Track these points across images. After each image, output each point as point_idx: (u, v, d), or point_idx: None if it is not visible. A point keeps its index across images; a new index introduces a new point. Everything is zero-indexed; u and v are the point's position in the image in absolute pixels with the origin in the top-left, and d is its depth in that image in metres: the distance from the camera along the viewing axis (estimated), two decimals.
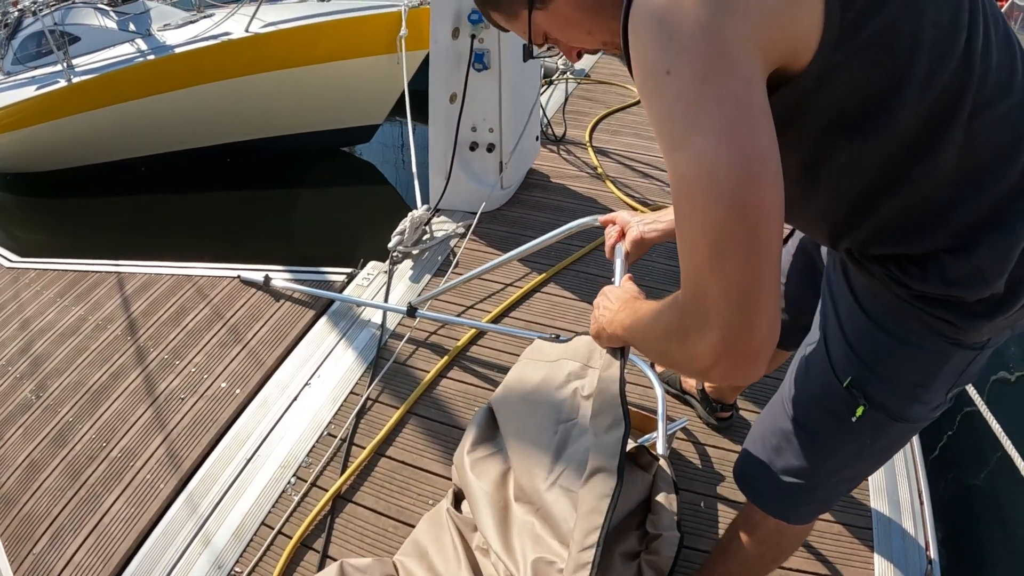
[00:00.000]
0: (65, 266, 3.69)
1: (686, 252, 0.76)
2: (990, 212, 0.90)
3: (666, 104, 0.73)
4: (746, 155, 0.70)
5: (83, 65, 6.40)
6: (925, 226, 0.92)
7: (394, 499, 2.17)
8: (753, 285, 0.72)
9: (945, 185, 0.88)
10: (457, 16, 3.18)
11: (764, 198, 0.70)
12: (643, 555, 1.82)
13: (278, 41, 6.05)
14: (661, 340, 0.90)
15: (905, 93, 0.80)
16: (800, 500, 1.34)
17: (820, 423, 1.24)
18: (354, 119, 6.80)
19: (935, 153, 0.85)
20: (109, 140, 6.62)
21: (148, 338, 2.96)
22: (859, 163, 0.87)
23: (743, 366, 0.76)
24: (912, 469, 2.31)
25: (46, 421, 2.63)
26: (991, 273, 0.92)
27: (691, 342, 0.78)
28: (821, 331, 1.25)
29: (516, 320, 2.89)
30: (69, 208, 7.15)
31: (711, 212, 0.71)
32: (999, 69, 0.86)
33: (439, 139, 3.47)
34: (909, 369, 1.10)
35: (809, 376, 1.26)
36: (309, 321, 2.92)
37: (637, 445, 2.00)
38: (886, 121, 0.82)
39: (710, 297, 0.74)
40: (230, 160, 7.11)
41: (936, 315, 1.01)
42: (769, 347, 0.75)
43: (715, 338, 0.75)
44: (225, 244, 5.86)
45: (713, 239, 0.71)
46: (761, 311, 0.73)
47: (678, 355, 0.84)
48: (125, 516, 2.19)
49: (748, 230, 0.70)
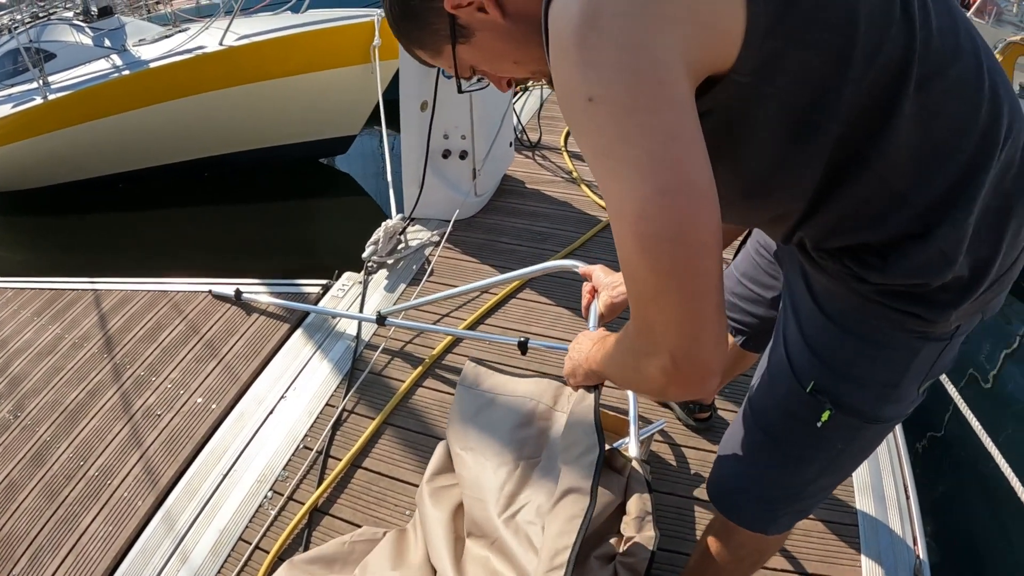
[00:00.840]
0: (42, 285, 3.69)
1: (629, 282, 0.76)
2: (950, 188, 0.86)
3: (590, 136, 0.71)
4: (675, 191, 0.68)
5: (59, 82, 6.39)
6: (885, 212, 0.88)
7: (371, 510, 2.18)
8: (695, 314, 0.72)
9: (902, 165, 0.84)
10: None
11: (698, 232, 0.69)
12: (619, 557, 1.82)
13: (252, 54, 6.06)
14: (622, 367, 0.94)
15: (850, 70, 0.77)
16: (778, 513, 1.31)
17: (788, 432, 1.20)
18: (331, 130, 6.82)
19: (888, 131, 0.82)
20: (86, 157, 6.60)
21: (124, 355, 2.96)
22: (811, 155, 0.84)
23: (695, 384, 0.77)
24: (897, 465, 2.30)
25: (24, 441, 2.63)
26: (952, 253, 0.89)
27: (644, 366, 0.80)
28: (782, 336, 1.21)
29: (491, 327, 2.90)
30: (47, 227, 7.12)
31: (647, 251, 0.70)
32: (941, 35, 0.82)
33: (411, 148, 3.49)
34: (877, 369, 1.07)
35: (772, 384, 1.23)
36: (284, 334, 2.93)
37: (611, 448, 2.01)
38: (835, 104, 0.79)
39: (656, 327, 0.75)
40: (208, 174, 7.10)
41: (901, 309, 0.97)
42: (718, 363, 0.76)
43: (665, 362, 0.76)
44: (205, 259, 5.85)
45: (653, 275, 0.71)
46: (705, 335, 0.74)
47: (636, 379, 0.86)
48: (103, 535, 2.19)
49: (685, 267, 0.70)
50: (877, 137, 0.82)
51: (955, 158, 0.85)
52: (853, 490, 2.19)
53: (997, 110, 0.86)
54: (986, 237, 0.92)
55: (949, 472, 3.54)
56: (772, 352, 1.25)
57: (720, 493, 1.39)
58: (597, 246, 3.51)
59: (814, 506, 1.34)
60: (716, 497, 1.40)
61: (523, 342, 2.35)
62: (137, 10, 10.53)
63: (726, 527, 1.45)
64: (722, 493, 1.38)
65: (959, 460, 3.56)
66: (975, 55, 0.85)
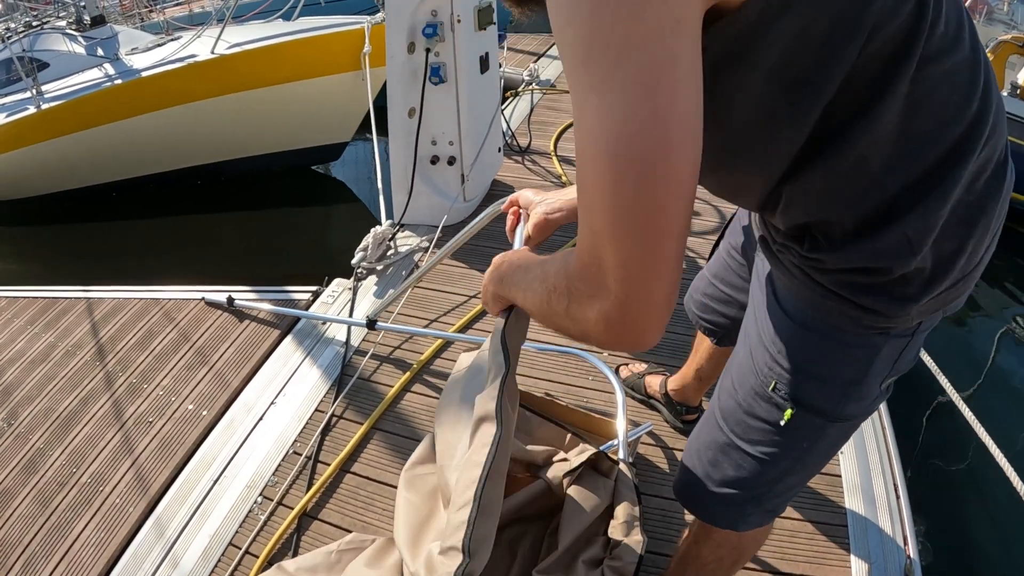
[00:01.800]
0: (35, 293, 3.71)
1: (585, 213, 0.68)
2: (926, 177, 0.85)
3: (582, 40, 0.62)
4: (664, 117, 0.60)
5: (52, 91, 6.40)
6: (858, 190, 0.87)
7: (359, 515, 2.20)
8: (655, 258, 0.66)
9: (883, 145, 0.83)
10: (412, 31, 3.24)
11: (678, 167, 0.62)
12: (606, 561, 1.84)
13: (244, 62, 6.07)
14: (547, 304, 0.83)
15: (858, 33, 0.73)
16: (746, 511, 1.31)
17: (752, 433, 1.21)
18: (322, 137, 6.82)
19: (878, 108, 0.79)
20: (80, 166, 6.61)
21: (117, 363, 2.98)
22: (798, 116, 0.81)
23: (635, 336, 0.71)
24: (887, 464, 2.31)
25: (17, 449, 2.65)
26: (917, 242, 0.89)
27: (580, 307, 0.74)
28: (746, 337, 1.24)
29: (481, 332, 2.93)
30: (40, 236, 7.12)
31: (616, 178, 0.63)
32: (947, 22, 0.80)
33: (400, 154, 3.52)
34: (839, 367, 1.08)
35: (735, 385, 1.24)
36: (275, 340, 2.96)
37: (598, 451, 2.03)
38: (835, 66, 0.76)
39: (606, 265, 0.68)
40: (200, 182, 7.10)
41: (860, 304, 0.97)
42: (663, 319, 0.70)
43: (608, 307, 0.69)
44: (197, 267, 5.85)
45: (616, 207, 0.64)
46: (660, 285, 0.67)
47: (564, 322, 0.79)
48: (95, 542, 2.22)
49: (656, 202, 0.63)
50: (866, 112, 0.80)
51: (936, 148, 0.84)
52: (842, 490, 2.21)
53: (985, 108, 0.86)
54: (954, 233, 0.92)
55: (940, 471, 3.55)
56: (736, 353, 1.27)
57: (687, 493, 1.40)
58: None
59: (784, 504, 1.34)
60: (682, 497, 1.42)
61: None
62: (130, 18, 10.55)
63: (704, 527, 1.47)
64: (689, 493, 1.39)
65: (950, 459, 3.58)
66: (974, 50, 0.85)
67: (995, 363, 4.58)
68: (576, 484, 1.88)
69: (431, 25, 3.20)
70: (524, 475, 1.98)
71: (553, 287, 0.80)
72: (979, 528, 3.27)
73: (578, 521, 1.82)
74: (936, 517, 3.21)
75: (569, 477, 1.88)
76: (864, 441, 2.40)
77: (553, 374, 2.69)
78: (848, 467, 2.29)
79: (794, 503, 2.16)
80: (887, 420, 2.50)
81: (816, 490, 2.21)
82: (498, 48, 3.75)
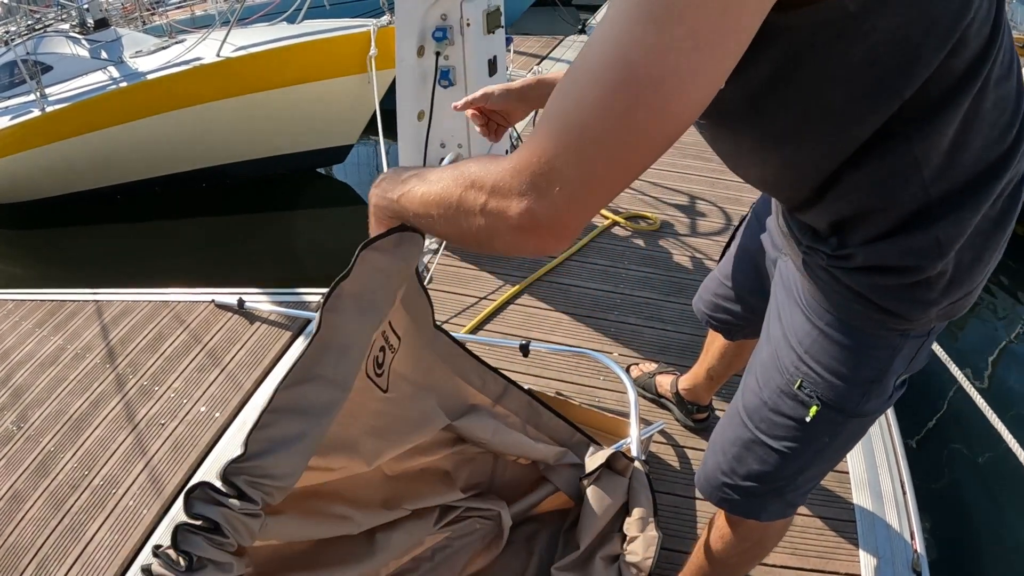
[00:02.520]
0: (43, 296, 3.70)
1: (556, 117, 0.66)
2: (964, 188, 0.90)
3: None
4: (695, 70, 0.60)
5: (56, 94, 6.41)
6: (904, 191, 0.90)
7: None
8: (608, 185, 0.67)
9: (936, 153, 0.86)
10: (422, 34, 3.24)
11: (683, 100, 0.62)
12: (623, 557, 1.85)
13: (250, 65, 6.09)
14: (456, 192, 0.78)
15: (946, 44, 0.75)
16: (768, 501, 1.36)
17: (777, 429, 1.25)
18: (327, 140, 6.84)
19: (944, 118, 0.82)
20: (84, 169, 6.62)
21: (127, 365, 2.98)
22: (870, 115, 0.83)
23: (546, 243, 0.71)
24: (893, 460, 2.35)
25: (28, 451, 2.65)
26: (947, 246, 0.93)
27: (502, 202, 0.71)
28: (769, 337, 1.28)
29: (491, 332, 2.93)
30: (46, 239, 7.13)
31: (616, 90, 0.61)
32: (1006, 50, 0.84)
33: (408, 157, 3.52)
34: (862, 367, 1.12)
35: (761, 383, 1.28)
36: (286, 342, 2.96)
37: (612, 450, 2.03)
38: (918, 73, 0.77)
39: (558, 169, 0.66)
40: (206, 185, 7.12)
41: (886, 308, 1.02)
42: (575, 235, 0.71)
43: (538, 208, 0.68)
44: (204, 269, 5.86)
45: (601, 128, 0.63)
46: (594, 207, 0.69)
47: (470, 213, 0.75)
48: (109, 543, 2.21)
49: (645, 124, 0.62)
50: (931, 119, 0.83)
51: (977, 165, 0.89)
52: (850, 486, 2.24)
53: (1021, 134, 0.91)
54: (975, 243, 0.97)
55: (946, 467, 3.57)
56: (760, 353, 1.31)
57: (710, 486, 1.44)
58: (594, 251, 3.54)
59: (803, 496, 1.38)
60: (705, 490, 1.46)
61: (524, 345, 2.39)
62: (133, 21, 10.56)
63: (728, 521, 1.51)
64: (712, 487, 1.43)
65: (956, 455, 3.60)
66: (1019, 79, 0.89)
67: (1007, 357, 4.59)
68: (593, 484, 1.89)
69: (441, 29, 3.21)
70: (530, 470, 1.99)
71: (471, 182, 0.75)
72: (984, 524, 3.29)
73: (595, 519, 1.84)
74: (942, 513, 3.23)
75: (588, 479, 1.89)
76: (871, 438, 2.44)
77: (565, 374, 2.69)
78: (856, 464, 2.32)
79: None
80: (893, 418, 2.54)
81: (825, 486, 2.25)
82: (505, 51, 3.76)
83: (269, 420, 1.10)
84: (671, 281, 3.33)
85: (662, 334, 2.96)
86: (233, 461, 1.08)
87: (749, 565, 1.62)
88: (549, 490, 1.96)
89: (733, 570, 1.63)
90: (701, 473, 1.47)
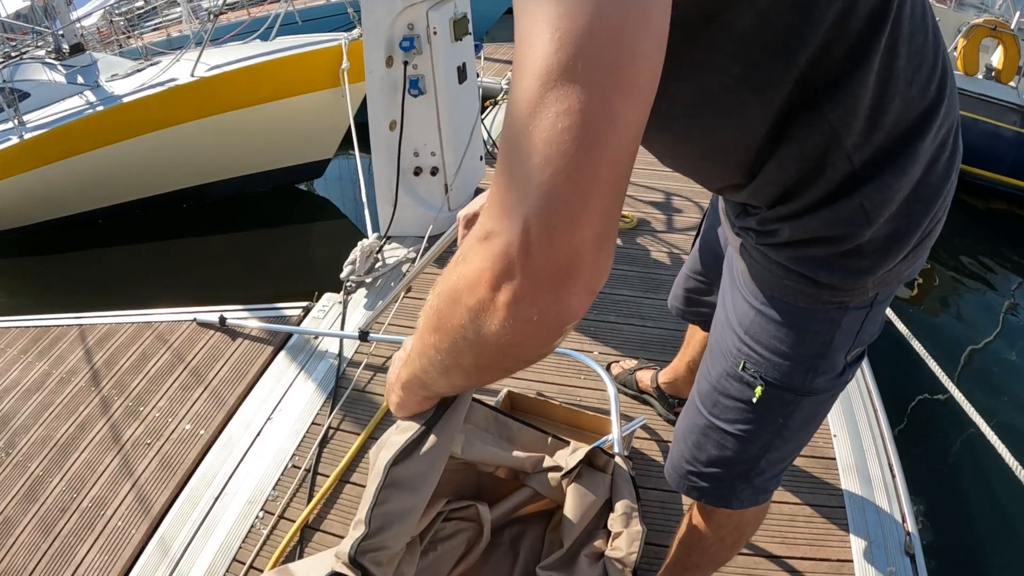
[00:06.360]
0: (27, 323, 3.72)
1: (511, 154, 0.54)
2: (887, 152, 0.87)
3: None
4: (636, 22, 0.50)
5: (34, 121, 6.40)
6: (825, 162, 0.87)
7: None
8: (586, 172, 0.52)
9: (852, 120, 0.84)
10: (389, 44, 3.27)
11: (636, 78, 0.52)
12: (608, 553, 1.87)
13: (224, 83, 6.09)
14: (440, 317, 0.69)
15: (834, 4, 0.74)
16: (736, 487, 1.34)
17: (729, 412, 1.25)
18: (305, 155, 6.84)
19: (850, 82, 0.80)
20: (64, 194, 6.60)
21: (112, 387, 3.00)
22: (771, 86, 0.80)
23: (569, 285, 0.56)
24: (880, 444, 2.37)
25: (16, 477, 2.66)
26: (873, 213, 0.91)
27: (481, 261, 0.58)
28: (716, 322, 1.29)
29: None
30: (28, 266, 7.11)
31: (563, 77, 0.49)
32: (913, 4, 0.82)
33: (383, 167, 3.55)
34: (802, 344, 1.11)
35: (710, 368, 1.28)
36: (268, 357, 2.98)
37: (593, 447, 2.06)
38: (811, 37, 0.75)
39: (520, 187, 0.53)
40: (186, 205, 7.12)
41: (818, 280, 1.01)
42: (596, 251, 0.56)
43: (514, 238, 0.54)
44: (187, 290, 5.85)
45: (553, 112, 0.50)
46: (599, 203, 0.54)
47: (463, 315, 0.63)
48: (99, 565, 2.23)
49: (603, 104, 0.50)
50: (839, 85, 0.80)
51: (899, 125, 0.87)
52: (838, 472, 2.26)
53: (942, 90, 0.90)
54: (912, 211, 0.95)
55: (936, 449, 3.60)
56: (709, 338, 1.32)
57: (676, 475, 1.43)
58: None
59: (773, 480, 1.37)
60: (673, 479, 1.45)
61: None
62: (108, 45, 10.56)
63: (704, 510, 1.50)
64: (678, 476, 1.42)
65: (945, 437, 3.63)
66: (935, 35, 0.88)
67: (980, 343, 4.64)
68: (574, 482, 1.91)
69: (408, 38, 3.24)
70: (511, 480, 2.00)
71: (439, 293, 0.68)
72: (976, 504, 3.32)
73: (579, 517, 1.85)
74: (933, 495, 3.25)
75: (568, 477, 1.91)
76: (856, 423, 2.46)
77: (545, 375, 2.72)
78: (842, 449, 2.34)
79: (790, 487, 2.21)
80: (879, 402, 2.55)
81: (812, 473, 2.26)
82: (475, 58, 3.79)
83: (385, 496, 1.13)
84: (649, 278, 3.37)
85: (641, 330, 2.99)
86: (360, 540, 1.13)
87: (729, 553, 1.61)
88: (529, 493, 1.98)
89: (713, 559, 1.63)
90: (668, 464, 1.47)
